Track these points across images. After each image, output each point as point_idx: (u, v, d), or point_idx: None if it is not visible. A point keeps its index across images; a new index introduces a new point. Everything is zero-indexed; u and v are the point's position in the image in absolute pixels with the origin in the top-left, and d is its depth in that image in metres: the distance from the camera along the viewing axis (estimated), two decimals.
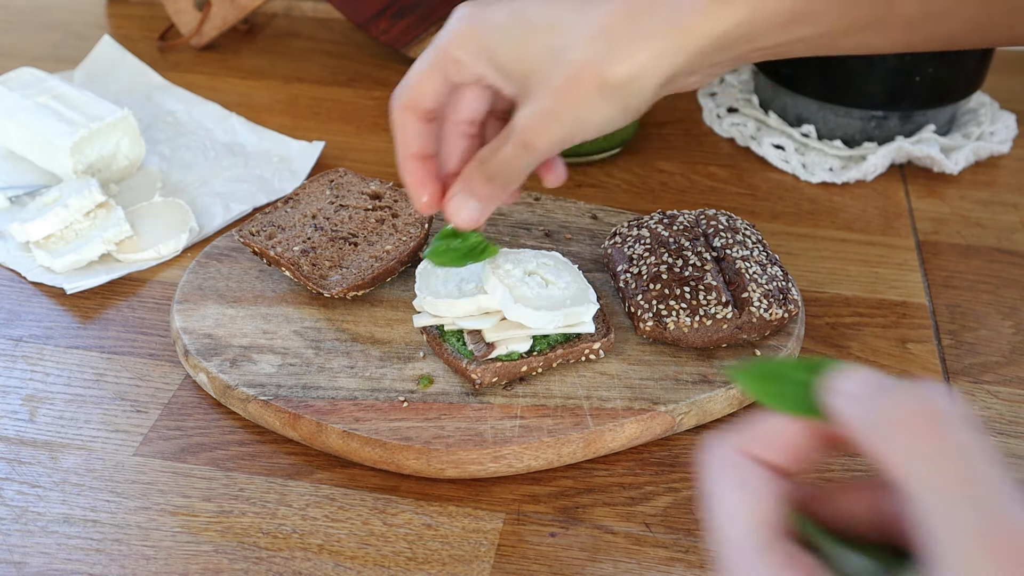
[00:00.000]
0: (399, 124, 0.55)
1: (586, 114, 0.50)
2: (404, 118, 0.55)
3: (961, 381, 0.67)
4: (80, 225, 0.76)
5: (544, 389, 0.62)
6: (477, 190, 0.54)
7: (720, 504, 0.32)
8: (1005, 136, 0.92)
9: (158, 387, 0.65)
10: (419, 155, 0.56)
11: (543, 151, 0.52)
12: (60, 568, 0.54)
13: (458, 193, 0.55)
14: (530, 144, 0.51)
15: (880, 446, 0.28)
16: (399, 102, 0.55)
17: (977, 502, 0.26)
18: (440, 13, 1.01)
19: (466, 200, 0.55)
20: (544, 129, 0.51)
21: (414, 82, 0.54)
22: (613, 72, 0.48)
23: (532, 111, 0.50)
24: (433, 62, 0.53)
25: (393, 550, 0.55)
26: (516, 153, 0.52)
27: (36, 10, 1.17)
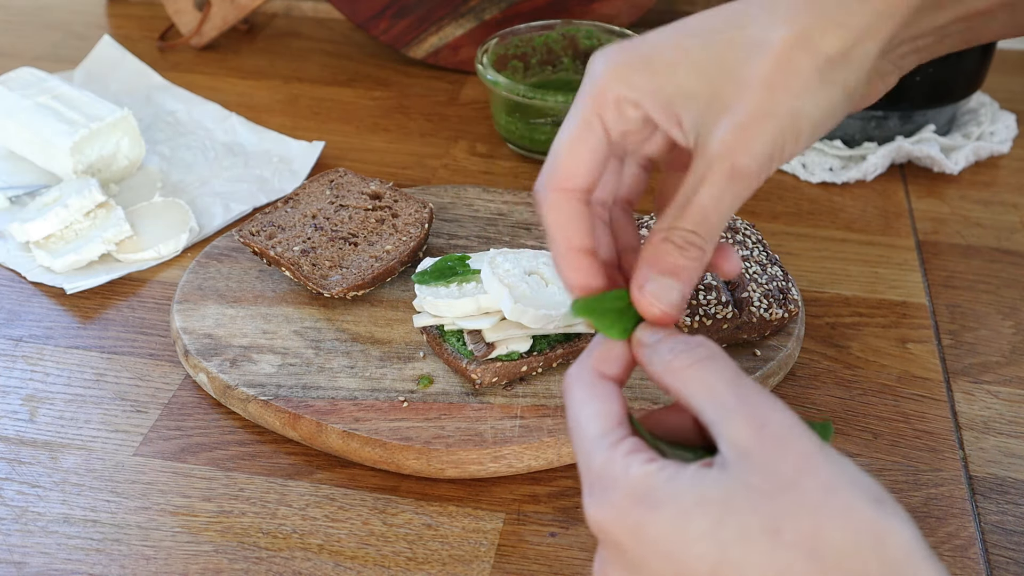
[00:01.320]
0: (551, 210, 0.44)
1: (804, 103, 0.40)
2: (557, 201, 0.44)
3: (961, 381, 0.67)
4: (80, 225, 0.76)
5: (544, 389, 0.62)
6: (674, 264, 0.42)
7: (579, 411, 0.40)
8: (1005, 136, 0.92)
9: (158, 387, 0.65)
10: (586, 249, 0.44)
11: (754, 174, 0.41)
12: (60, 568, 0.54)
13: (652, 278, 0.42)
14: (737, 167, 0.40)
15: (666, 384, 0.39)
16: (549, 184, 0.44)
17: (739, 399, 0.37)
18: (440, 13, 1.01)
19: (664, 284, 0.42)
20: (753, 139, 0.40)
21: (567, 151, 0.43)
22: (830, 42, 0.40)
23: (730, 123, 0.40)
24: (586, 117, 0.43)
25: (393, 550, 0.55)
26: (720, 190, 0.41)
27: (36, 10, 1.17)
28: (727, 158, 0.40)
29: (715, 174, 0.41)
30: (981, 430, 0.63)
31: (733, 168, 0.40)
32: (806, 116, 0.41)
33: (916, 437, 0.63)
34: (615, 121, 0.43)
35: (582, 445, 0.39)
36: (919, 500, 0.58)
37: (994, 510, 0.58)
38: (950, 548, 0.56)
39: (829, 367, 0.68)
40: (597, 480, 0.38)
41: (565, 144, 0.43)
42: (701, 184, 0.41)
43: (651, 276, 0.42)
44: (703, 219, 0.41)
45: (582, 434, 0.39)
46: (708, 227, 0.42)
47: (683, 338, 0.40)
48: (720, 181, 0.41)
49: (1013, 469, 0.61)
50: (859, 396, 0.65)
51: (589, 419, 0.39)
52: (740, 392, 0.37)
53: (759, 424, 0.35)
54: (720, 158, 0.40)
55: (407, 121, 0.96)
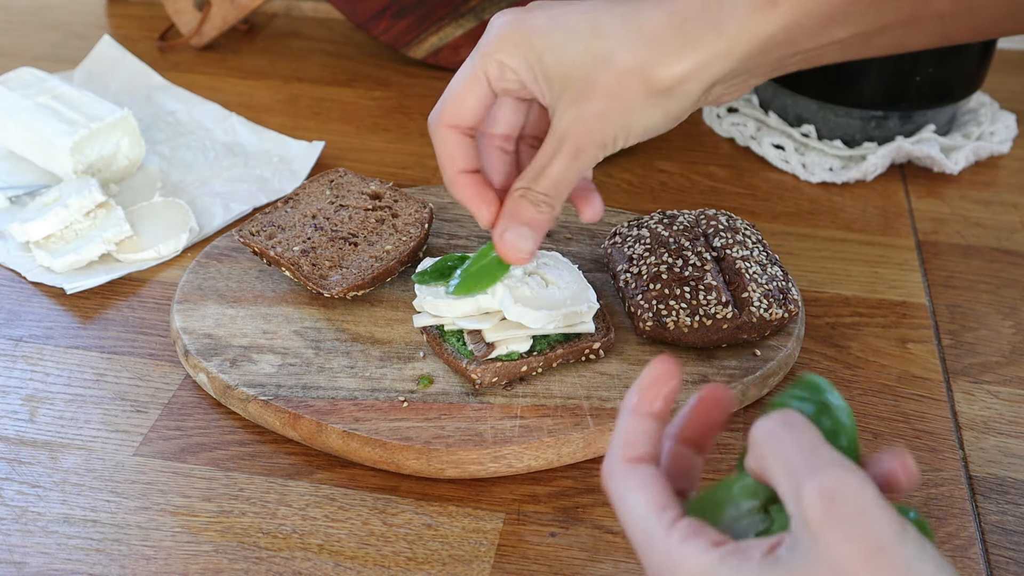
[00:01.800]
0: (442, 141, 0.54)
1: (632, 118, 0.50)
2: (447, 134, 0.54)
3: (961, 381, 0.67)
4: (80, 225, 0.76)
5: (544, 389, 0.62)
6: (529, 218, 0.53)
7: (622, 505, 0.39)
8: (1005, 136, 0.92)
9: (158, 387, 0.65)
10: (469, 170, 0.55)
11: (592, 156, 0.51)
12: (60, 568, 0.54)
13: (510, 227, 0.53)
14: (580, 149, 0.51)
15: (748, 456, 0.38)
16: (440, 119, 0.54)
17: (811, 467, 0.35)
18: (440, 13, 1.01)
19: (520, 232, 0.53)
20: (593, 131, 0.50)
21: (455, 95, 0.53)
22: (661, 77, 0.49)
23: (579, 114, 0.50)
24: (475, 70, 0.52)
25: (393, 550, 0.55)
26: (566, 163, 0.51)
27: (36, 10, 1.17)
28: (574, 139, 0.51)
29: (563, 152, 0.51)
30: (981, 430, 0.63)
31: (577, 149, 0.51)
32: (634, 125, 0.51)
33: (916, 437, 0.63)
34: (497, 79, 0.52)
35: (636, 537, 0.38)
36: (919, 500, 0.58)
37: (994, 510, 0.58)
38: (950, 548, 0.56)
39: (829, 367, 0.68)
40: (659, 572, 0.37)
41: (455, 90, 0.53)
42: (553, 158, 0.51)
43: (510, 226, 0.53)
44: (553, 185, 0.52)
45: (633, 527, 0.38)
46: (557, 191, 0.52)
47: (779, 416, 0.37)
48: (567, 158, 0.51)
49: (1013, 469, 0.61)
50: (859, 396, 0.65)
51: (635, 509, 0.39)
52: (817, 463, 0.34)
53: (830, 497, 0.33)
54: (568, 140, 0.51)
55: (407, 121, 0.96)
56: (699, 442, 0.43)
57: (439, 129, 0.54)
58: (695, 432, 0.42)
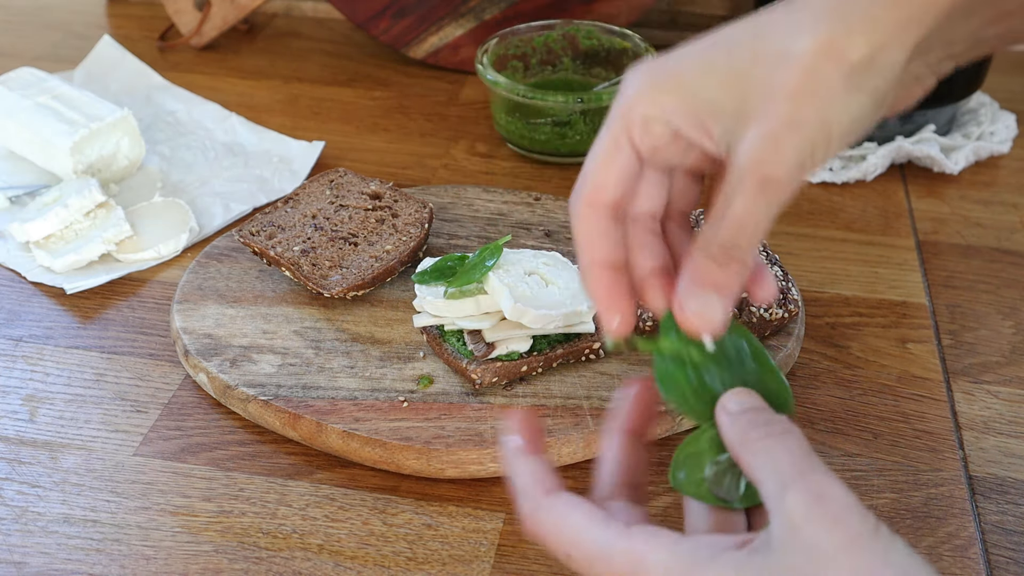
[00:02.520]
0: (581, 223, 0.45)
1: (832, 113, 0.40)
2: (587, 215, 0.45)
3: (961, 381, 0.67)
4: (80, 225, 0.76)
5: (544, 389, 0.62)
6: (715, 279, 0.43)
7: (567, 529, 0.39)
8: (1005, 136, 0.92)
9: (158, 387, 0.65)
10: (609, 263, 0.45)
11: (785, 181, 0.41)
12: (60, 568, 0.54)
13: (693, 293, 0.43)
14: (769, 176, 0.40)
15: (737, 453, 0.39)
16: (579, 199, 0.45)
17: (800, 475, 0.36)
18: (440, 13, 1.01)
19: (707, 298, 0.43)
20: (783, 149, 0.40)
21: (597, 168, 0.45)
22: (856, 48, 0.39)
23: (758, 133, 0.41)
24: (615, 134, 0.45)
25: (393, 550, 0.55)
26: (752, 200, 0.41)
27: (36, 10, 1.17)
28: (757, 169, 0.40)
29: (746, 185, 0.41)
30: (981, 430, 0.63)
31: (763, 179, 0.40)
32: (835, 123, 0.40)
33: (916, 437, 0.63)
34: (642, 139, 0.44)
35: (589, 553, 0.38)
36: (919, 500, 0.58)
37: (994, 510, 0.58)
38: (950, 548, 0.56)
39: (829, 367, 0.68)
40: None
41: (594, 162, 0.45)
42: (734, 196, 0.41)
43: (693, 292, 0.43)
44: (739, 230, 0.42)
45: (583, 546, 0.38)
46: (745, 238, 0.42)
47: (765, 414, 0.39)
48: (751, 192, 0.41)
49: (1013, 469, 0.61)
50: (859, 396, 0.65)
51: (580, 529, 0.39)
52: (804, 467, 0.36)
53: (816, 496, 0.35)
54: (750, 169, 0.40)
55: (407, 121, 0.96)
56: (641, 431, 0.44)
57: (579, 208, 0.45)
58: (636, 422, 0.44)
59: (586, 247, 0.45)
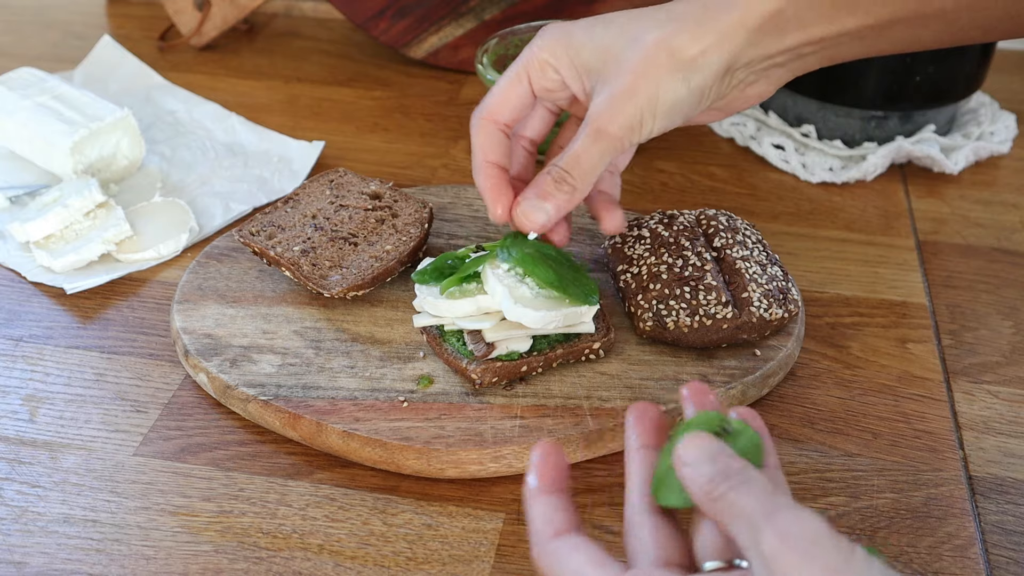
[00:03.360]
0: (479, 132, 0.59)
1: (659, 91, 0.54)
2: (485, 127, 0.59)
3: (961, 381, 0.67)
4: (80, 225, 0.76)
5: (544, 389, 0.62)
6: (547, 191, 0.57)
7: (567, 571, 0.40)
8: (1005, 136, 0.92)
9: (158, 387, 0.65)
10: (497, 163, 0.59)
11: (615, 136, 0.54)
12: (60, 568, 0.54)
13: (529, 197, 0.57)
14: (603, 129, 0.54)
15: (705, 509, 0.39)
16: (482, 113, 0.59)
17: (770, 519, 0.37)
18: (440, 13, 1.01)
19: (537, 204, 0.57)
20: (617, 110, 0.54)
21: (499, 93, 0.58)
22: (682, 46, 0.54)
23: (606, 94, 0.54)
24: (519, 70, 0.58)
25: (393, 550, 0.55)
26: (588, 143, 0.55)
27: (36, 10, 1.17)
28: (598, 120, 0.54)
29: (588, 132, 0.55)
30: (981, 430, 0.63)
31: (598, 130, 0.54)
32: (661, 101, 0.54)
33: (916, 437, 0.63)
34: (539, 78, 0.58)
35: None
36: (919, 500, 0.58)
37: (994, 510, 0.58)
38: (950, 548, 0.56)
39: (829, 367, 0.68)
40: None
41: (498, 87, 0.59)
42: (579, 137, 0.55)
43: (529, 197, 0.57)
44: (574, 163, 0.55)
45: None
46: (578, 170, 0.55)
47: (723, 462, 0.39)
48: (589, 137, 0.55)
49: (1013, 469, 0.61)
50: (859, 396, 0.65)
51: (580, 570, 0.40)
52: (770, 508, 0.37)
53: (784, 535, 0.36)
54: (592, 120, 0.55)
55: (407, 121, 0.96)
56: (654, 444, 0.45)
57: (478, 121, 0.59)
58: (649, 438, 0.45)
59: (480, 150, 0.59)
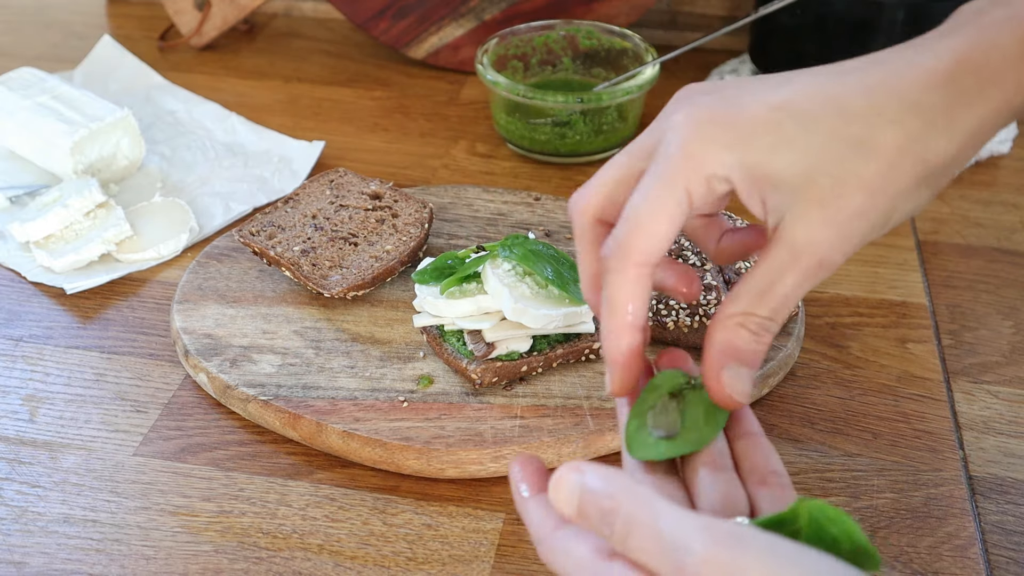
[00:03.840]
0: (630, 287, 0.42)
1: (898, 205, 0.41)
2: (639, 278, 0.42)
3: (961, 381, 0.67)
4: (80, 225, 0.76)
5: (544, 389, 0.62)
6: (748, 351, 0.42)
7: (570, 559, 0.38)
8: (1005, 136, 0.92)
9: (158, 387, 0.65)
10: (640, 327, 0.43)
11: (838, 265, 0.42)
12: (60, 568, 0.54)
13: (727, 368, 0.42)
14: (827, 260, 0.41)
15: None
16: (629, 255, 0.42)
17: None
18: (440, 13, 1.01)
19: (740, 374, 0.42)
20: (846, 238, 0.41)
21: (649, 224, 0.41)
22: (938, 151, 0.40)
23: (827, 219, 0.40)
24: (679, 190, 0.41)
25: (393, 550, 0.55)
26: (806, 279, 0.41)
27: (36, 10, 1.17)
28: (817, 253, 0.40)
29: (802, 266, 0.40)
30: (981, 430, 0.63)
31: (822, 263, 0.41)
32: (897, 214, 0.41)
33: (916, 437, 0.63)
34: (703, 196, 0.41)
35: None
36: (919, 500, 0.58)
37: (994, 510, 0.58)
38: (950, 548, 0.56)
39: (829, 367, 0.68)
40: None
41: (650, 214, 0.41)
42: (785, 274, 0.41)
43: (727, 365, 0.42)
44: (781, 307, 0.41)
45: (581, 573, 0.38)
46: (785, 313, 0.42)
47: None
48: (806, 273, 0.41)
49: (1013, 469, 0.61)
50: (859, 396, 0.65)
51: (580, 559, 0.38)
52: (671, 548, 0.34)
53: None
54: (810, 252, 0.40)
55: (407, 121, 0.96)
56: None
57: (630, 269, 0.42)
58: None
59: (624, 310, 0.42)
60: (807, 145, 0.40)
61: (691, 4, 1.10)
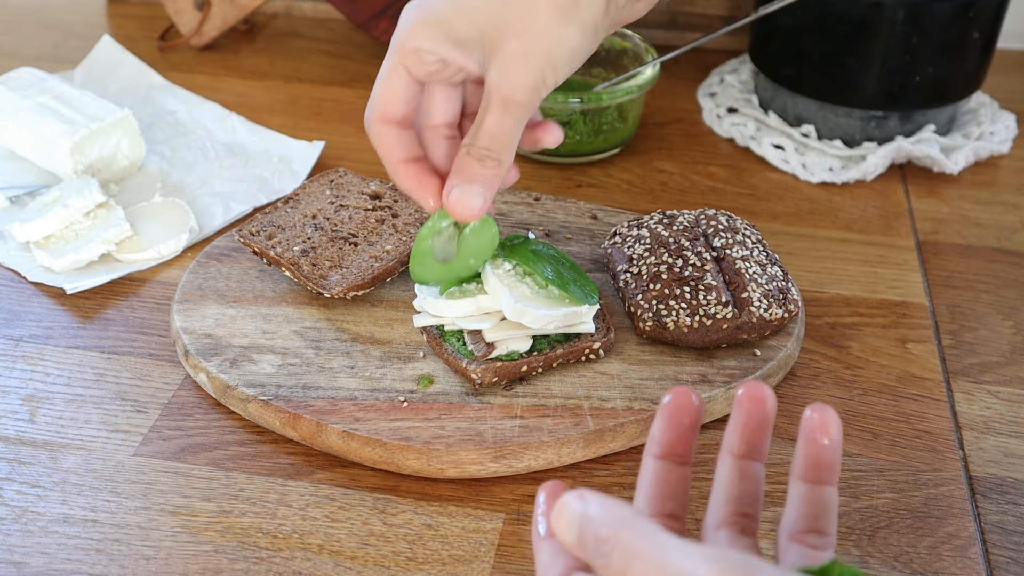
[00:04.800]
0: (377, 138, 0.55)
1: (552, 45, 0.51)
2: (380, 130, 0.55)
3: (961, 381, 0.67)
4: (80, 225, 0.76)
5: (544, 389, 0.62)
6: (474, 173, 0.53)
7: None
8: (1005, 136, 0.92)
9: (158, 387, 0.65)
10: (407, 159, 0.55)
11: (523, 103, 0.52)
12: (60, 568, 0.54)
13: (456, 184, 0.53)
14: (509, 98, 0.51)
15: None
16: (371, 117, 0.55)
17: None
18: None
19: (467, 189, 0.53)
20: (517, 77, 0.51)
21: (381, 91, 0.54)
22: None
23: (500, 64, 0.51)
24: (393, 63, 0.53)
25: (393, 550, 0.55)
26: (499, 116, 0.52)
27: (36, 10, 1.17)
28: (501, 91, 0.51)
29: (493, 104, 0.52)
30: (981, 430, 0.63)
31: (504, 99, 0.51)
32: (555, 54, 0.51)
33: (916, 437, 0.63)
34: (417, 66, 0.53)
35: None
36: (919, 500, 0.58)
37: (994, 510, 0.58)
38: (950, 548, 0.56)
39: (829, 367, 0.68)
40: None
41: (378, 86, 0.54)
42: (486, 112, 0.52)
43: (456, 183, 0.53)
44: (492, 138, 0.52)
45: None
46: (499, 144, 0.52)
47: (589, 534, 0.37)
48: (497, 109, 0.52)
49: (1013, 469, 0.61)
50: (859, 396, 0.65)
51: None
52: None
53: None
54: (495, 91, 0.51)
55: None
56: (678, 452, 0.42)
57: (372, 126, 0.55)
58: (671, 445, 0.42)
59: (386, 154, 0.55)
60: (476, 10, 0.51)
61: (691, 4, 1.10)
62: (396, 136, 0.55)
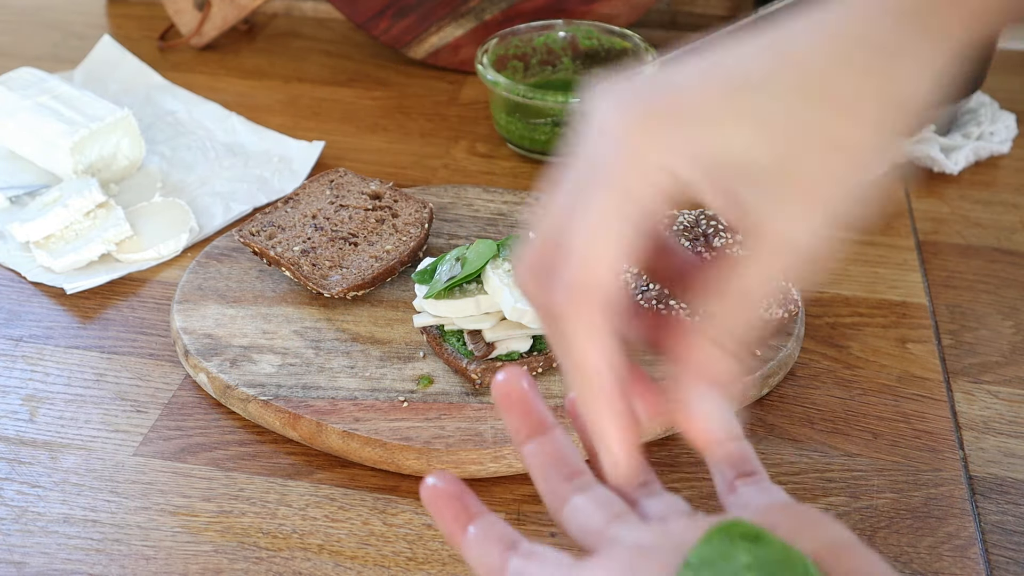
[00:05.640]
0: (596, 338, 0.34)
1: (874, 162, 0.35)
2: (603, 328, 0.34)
3: (961, 381, 0.67)
4: (80, 225, 0.76)
5: (544, 389, 0.62)
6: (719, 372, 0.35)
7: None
8: (1005, 136, 0.92)
9: (158, 387, 0.65)
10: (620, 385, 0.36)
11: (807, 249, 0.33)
12: (60, 568, 0.54)
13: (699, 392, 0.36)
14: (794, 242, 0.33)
15: None
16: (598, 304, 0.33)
17: None
18: (440, 13, 1.01)
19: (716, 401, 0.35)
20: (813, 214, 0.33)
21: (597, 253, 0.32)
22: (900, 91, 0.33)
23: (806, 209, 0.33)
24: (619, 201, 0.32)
25: (393, 550, 0.55)
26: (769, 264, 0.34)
27: (36, 10, 1.17)
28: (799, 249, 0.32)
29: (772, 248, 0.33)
30: (981, 430, 0.63)
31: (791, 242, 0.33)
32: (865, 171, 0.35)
33: (916, 437, 0.63)
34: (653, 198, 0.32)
35: None
36: (919, 500, 0.58)
37: (994, 510, 0.58)
38: (950, 548, 0.56)
39: (829, 367, 0.68)
40: None
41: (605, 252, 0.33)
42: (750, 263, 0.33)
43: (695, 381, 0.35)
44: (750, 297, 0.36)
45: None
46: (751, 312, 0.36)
47: None
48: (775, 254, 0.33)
49: (1013, 469, 0.61)
50: (859, 396, 0.65)
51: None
52: None
53: None
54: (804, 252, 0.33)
55: (407, 121, 0.96)
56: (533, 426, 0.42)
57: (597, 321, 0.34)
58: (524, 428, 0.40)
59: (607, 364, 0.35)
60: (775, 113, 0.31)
61: (691, 4, 1.10)
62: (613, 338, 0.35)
